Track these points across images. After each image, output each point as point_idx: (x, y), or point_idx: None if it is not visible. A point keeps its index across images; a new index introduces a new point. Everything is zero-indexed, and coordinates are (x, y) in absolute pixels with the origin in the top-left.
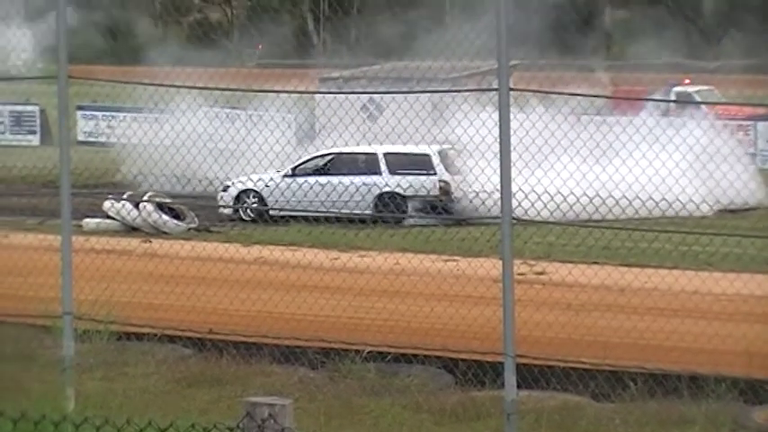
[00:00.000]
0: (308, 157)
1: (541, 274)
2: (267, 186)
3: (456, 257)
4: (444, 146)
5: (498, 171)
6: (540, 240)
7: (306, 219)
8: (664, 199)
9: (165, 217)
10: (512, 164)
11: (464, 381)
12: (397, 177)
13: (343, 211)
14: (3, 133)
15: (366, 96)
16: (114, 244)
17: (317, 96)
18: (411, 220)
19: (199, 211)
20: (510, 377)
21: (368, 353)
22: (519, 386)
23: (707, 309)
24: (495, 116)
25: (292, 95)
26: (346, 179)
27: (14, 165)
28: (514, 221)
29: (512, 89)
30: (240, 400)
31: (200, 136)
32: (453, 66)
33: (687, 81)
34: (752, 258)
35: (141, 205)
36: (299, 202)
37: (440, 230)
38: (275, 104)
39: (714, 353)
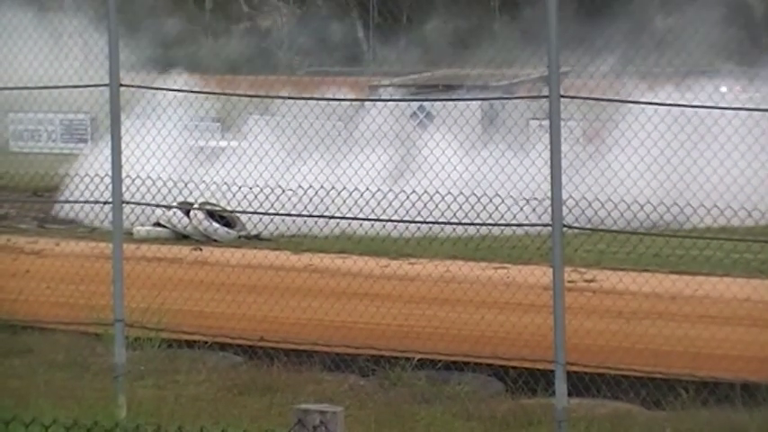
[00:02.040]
0: None
1: (592, 281)
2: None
3: (506, 265)
4: None
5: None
6: (591, 248)
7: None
8: (715, 206)
9: (215, 225)
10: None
11: (515, 388)
12: None
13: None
14: (54, 141)
15: (416, 104)
16: (165, 252)
17: (367, 104)
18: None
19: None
20: (561, 385)
21: (418, 360)
22: (570, 394)
23: (758, 316)
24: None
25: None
26: None
27: (66, 173)
28: (565, 228)
29: (562, 96)
30: (291, 408)
31: (252, 144)
32: (504, 73)
33: (738, 88)
34: None
35: (192, 213)
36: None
37: (489, 238)
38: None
39: (766, 361)
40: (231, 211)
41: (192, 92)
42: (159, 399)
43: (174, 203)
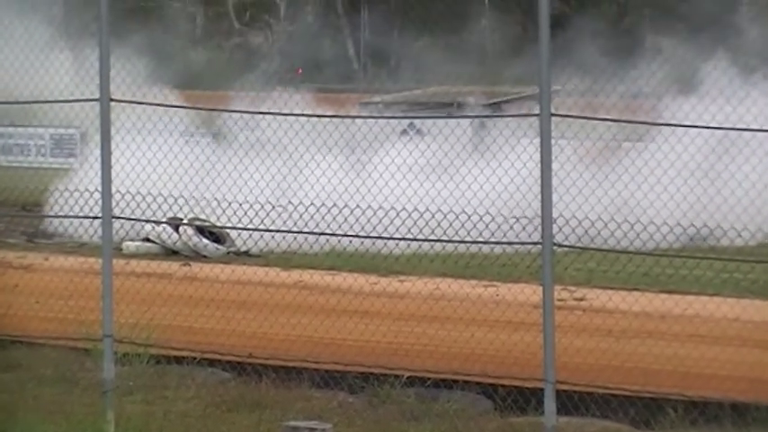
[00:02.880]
0: None
1: (581, 300)
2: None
3: (496, 283)
4: None
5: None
6: (581, 266)
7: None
8: (705, 225)
9: (205, 240)
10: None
11: (503, 407)
12: None
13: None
14: (43, 156)
15: (406, 121)
16: (154, 267)
17: (358, 121)
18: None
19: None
20: (550, 403)
21: (407, 378)
22: (559, 412)
23: (748, 336)
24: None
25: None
26: None
27: (56, 188)
28: (555, 247)
29: (553, 114)
30: (280, 425)
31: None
32: (494, 91)
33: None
34: None
35: (181, 229)
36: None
37: (479, 255)
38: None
39: (756, 381)
40: (221, 227)
41: (182, 107)
42: (148, 414)
43: (164, 219)
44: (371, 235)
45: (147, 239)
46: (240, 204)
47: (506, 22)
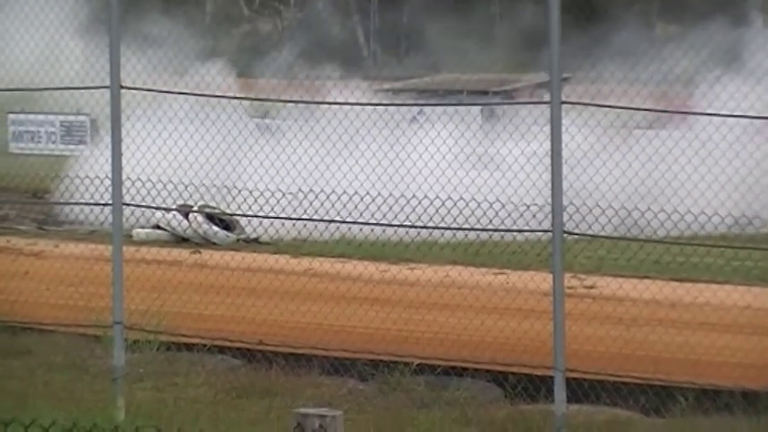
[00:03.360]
0: None
1: (592, 288)
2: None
3: (506, 270)
4: None
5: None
6: (591, 254)
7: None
8: (716, 213)
9: (215, 228)
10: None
11: (513, 394)
12: None
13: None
14: (54, 143)
15: (416, 108)
16: (164, 254)
17: (368, 108)
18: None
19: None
20: (560, 391)
21: (417, 365)
22: (569, 400)
23: (759, 324)
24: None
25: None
26: None
27: (66, 174)
28: (565, 234)
29: (564, 102)
30: (290, 412)
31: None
32: (505, 78)
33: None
34: None
35: (191, 216)
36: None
37: (490, 243)
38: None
39: (766, 368)
40: (231, 215)
41: (198, 95)
42: (158, 401)
43: (174, 206)
44: (381, 222)
45: (158, 226)
46: (251, 192)
47: (516, 10)
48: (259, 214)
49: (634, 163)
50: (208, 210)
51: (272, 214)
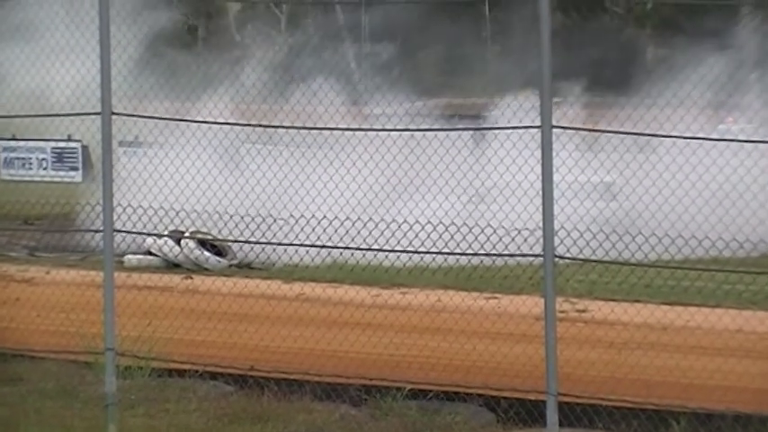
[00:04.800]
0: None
1: (583, 311)
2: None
3: (498, 295)
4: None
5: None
6: (583, 278)
7: None
8: (707, 237)
9: (206, 253)
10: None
11: (506, 419)
12: None
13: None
14: (45, 169)
15: (408, 134)
16: (156, 280)
17: (359, 133)
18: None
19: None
20: (552, 415)
21: (409, 390)
22: (561, 424)
23: (750, 348)
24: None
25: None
26: None
27: (57, 201)
28: (557, 259)
29: (554, 126)
30: None
31: (244, 173)
32: (496, 103)
33: (730, 119)
34: None
35: (183, 242)
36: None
37: (481, 268)
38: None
39: (758, 392)
40: (222, 240)
41: (188, 121)
42: (150, 428)
43: (166, 232)
44: (373, 248)
45: (149, 252)
46: (242, 217)
47: (507, 34)
48: (251, 240)
49: (625, 187)
50: (200, 235)
51: (263, 240)
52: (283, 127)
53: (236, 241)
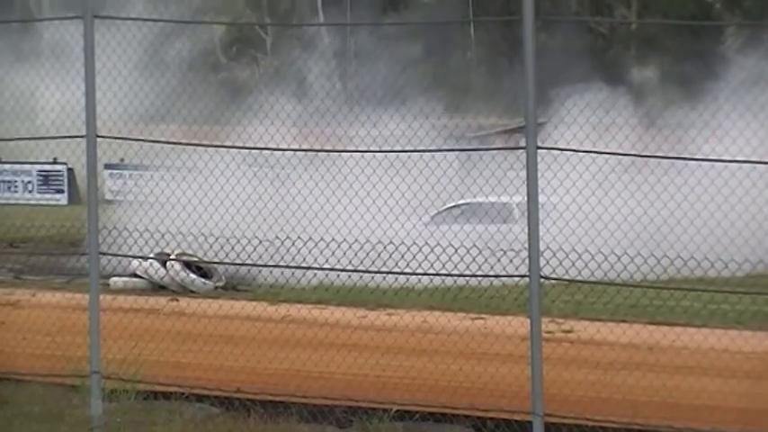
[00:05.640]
0: (445, 207)
1: (569, 332)
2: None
3: (483, 315)
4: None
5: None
6: (569, 298)
7: None
8: (692, 257)
9: (192, 275)
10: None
11: None
12: None
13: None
14: (31, 192)
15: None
16: (142, 303)
17: (345, 154)
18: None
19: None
20: None
21: (396, 411)
22: None
23: (737, 367)
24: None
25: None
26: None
27: (42, 224)
28: (542, 279)
29: (539, 147)
30: None
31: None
32: (480, 124)
33: (715, 139)
34: None
35: (169, 264)
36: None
37: (467, 288)
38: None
39: (744, 412)
40: (208, 262)
41: (174, 143)
42: None
43: (151, 254)
44: (359, 269)
45: (135, 275)
46: (227, 239)
47: (492, 55)
48: (236, 262)
49: (610, 207)
50: (185, 258)
51: (248, 261)
52: (269, 149)
53: (221, 263)
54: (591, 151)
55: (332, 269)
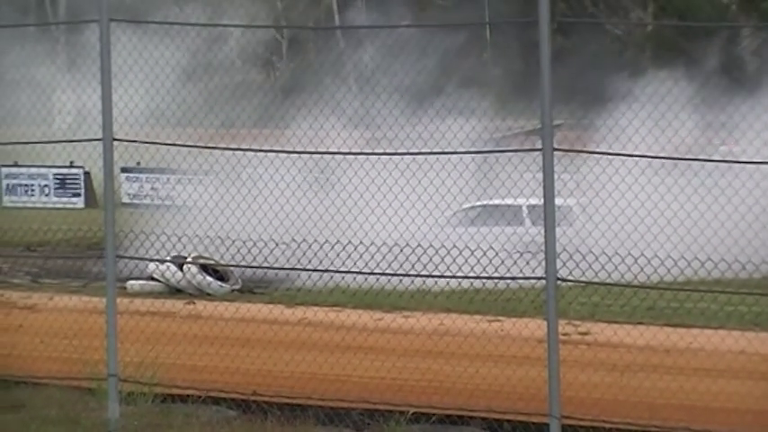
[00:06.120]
0: (456, 210)
1: (586, 334)
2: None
3: (500, 318)
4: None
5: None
6: (585, 300)
7: None
8: (709, 259)
9: (209, 278)
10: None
11: None
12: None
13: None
14: (47, 195)
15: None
16: (158, 306)
17: (361, 157)
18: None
19: None
20: None
21: (412, 414)
22: None
23: (753, 369)
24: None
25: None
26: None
27: (59, 227)
28: (559, 281)
29: (556, 149)
30: None
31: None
32: (497, 125)
33: (724, 148)
34: None
35: (185, 267)
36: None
37: (484, 291)
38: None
39: (761, 414)
40: (225, 265)
41: (190, 146)
42: None
43: (168, 257)
44: (375, 271)
45: (152, 278)
46: (244, 242)
47: (508, 57)
48: (253, 264)
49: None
50: (202, 261)
51: (265, 264)
52: (285, 152)
53: (237, 266)
54: (606, 153)
55: (348, 272)
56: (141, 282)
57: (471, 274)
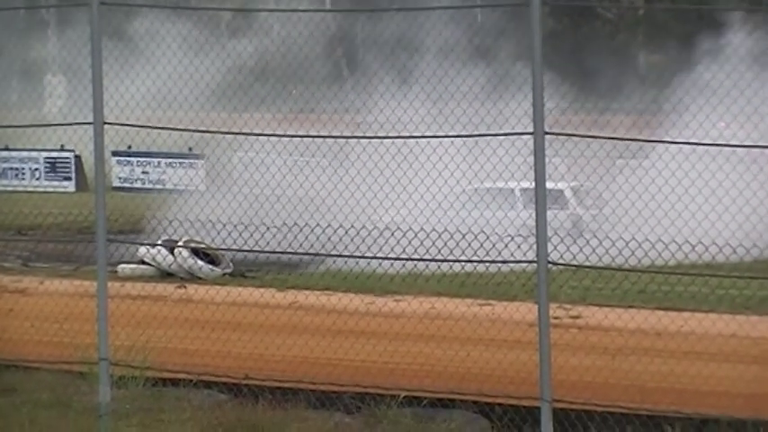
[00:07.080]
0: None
1: (577, 318)
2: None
3: (491, 301)
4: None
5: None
6: (576, 284)
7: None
8: (700, 242)
9: (200, 262)
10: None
11: (500, 426)
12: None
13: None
14: (38, 179)
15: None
16: (149, 290)
17: (352, 141)
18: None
19: None
20: (546, 422)
21: (404, 398)
22: (555, 430)
23: (744, 352)
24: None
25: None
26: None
27: (50, 211)
28: (550, 265)
29: (547, 133)
30: None
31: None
32: (488, 109)
33: (722, 124)
34: None
35: (176, 251)
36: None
37: (475, 274)
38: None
39: (752, 397)
40: (215, 249)
41: (183, 130)
42: None
43: (159, 241)
44: (366, 255)
45: (143, 262)
46: (235, 226)
47: (499, 41)
48: (244, 248)
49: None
50: (193, 244)
51: (256, 248)
52: (276, 135)
53: (228, 250)
54: (597, 136)
55: (339, 255)
56: (132, 266)
57: (462, 258)
